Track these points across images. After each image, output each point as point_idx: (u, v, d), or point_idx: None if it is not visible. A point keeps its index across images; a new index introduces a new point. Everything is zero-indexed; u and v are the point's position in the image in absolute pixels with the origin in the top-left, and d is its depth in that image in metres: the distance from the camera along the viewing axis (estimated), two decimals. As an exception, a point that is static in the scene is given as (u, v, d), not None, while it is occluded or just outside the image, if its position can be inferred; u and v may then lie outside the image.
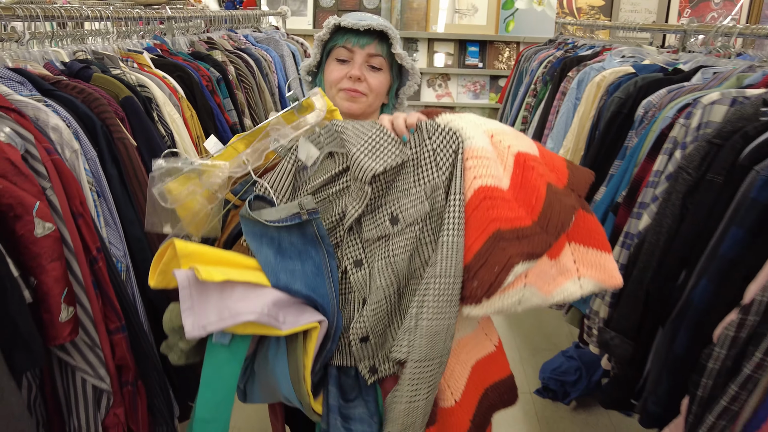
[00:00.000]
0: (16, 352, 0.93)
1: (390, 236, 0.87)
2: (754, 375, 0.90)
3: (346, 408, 0.90)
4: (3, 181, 0.90)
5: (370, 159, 0.82)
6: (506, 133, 0.88)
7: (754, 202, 1.05)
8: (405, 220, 0.86)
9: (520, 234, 0.81)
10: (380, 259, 0.87)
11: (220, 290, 0.76)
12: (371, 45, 1.03)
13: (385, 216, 0.87)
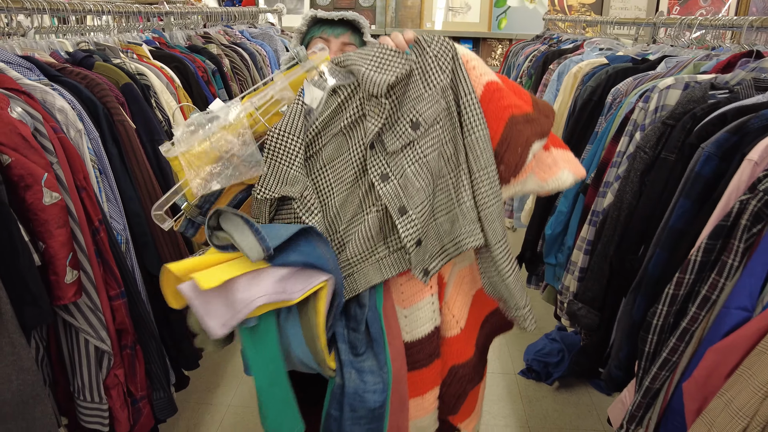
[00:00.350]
0: (26, 308, 1.03)
1: (415, 141, 0.91)
2: (690, 328, 1.00)
3: (357, 362, 0.96)
4: (15, 153, 1.00)
5: (381, 73, 0.86)
6: (480, 61, 0.95)
7: (698, 176, 1.14)
8: (426, 121, 0.90)
9: (528, 118, 0.93)
10: (412, 164, 0.91)
11: (225, 289, 0.81)
12: (345, 34, 1.12)
13: (406, 124, 0.90)
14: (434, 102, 0.90)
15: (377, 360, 0.97)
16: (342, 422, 0.95)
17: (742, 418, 0.81)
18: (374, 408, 0.95)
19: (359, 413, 0.95)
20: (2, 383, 1.07)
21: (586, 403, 2.23)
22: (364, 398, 0.94)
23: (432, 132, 0.91)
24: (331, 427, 0.97)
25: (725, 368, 0.88)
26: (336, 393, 0.96)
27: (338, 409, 0.96)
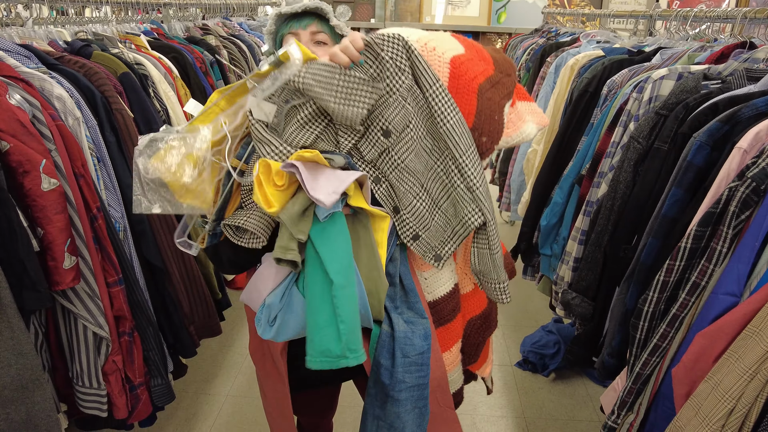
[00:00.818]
0: (25, 293, 1.05)
1: (389, 148, 0.94)
2: (680, 314, 1.01)
3: (399, 311, 1.02)
4: (14, 140, 1.01)
5: (351, 106, 0.87)
6: (437, 39, 0.97)
7: (690, 165, 1.15)
8: (396, 128, 0.92)
9: (493, 80, 0.96)
10: (393, 171, 0.95)
11: (320, 168, 0.90)
12: (312, 24, 1.11)
13: (378, 133, 0.92)
14: (401, 107, 0.92)
15: (414, 310, 1.02)
16: (394, 370, 0.98)
17: (728, 400, 0.83)
18: (423, 352, 0.99)
19: (410, 358, 0.98)
20: (2, 368, 1.08)
21: (581, 394, 2.25)
22: (414, 342, 0.98)
23: (404, 136, 0.94)
24: (382, 377, 1.00)
25: (713, 352, 0.89)
26: (385, 341, 0.99)
27: (389, 357, 0.99)
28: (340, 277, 0.90)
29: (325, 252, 0.90)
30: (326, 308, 0.90)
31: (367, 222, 0.97)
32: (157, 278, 1.46)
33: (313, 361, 0.92)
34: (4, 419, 1.12)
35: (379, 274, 0.97)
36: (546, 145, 2.18)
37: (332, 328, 0.90)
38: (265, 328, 0.94)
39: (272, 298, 0.94)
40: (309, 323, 0.92)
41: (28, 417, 1.14)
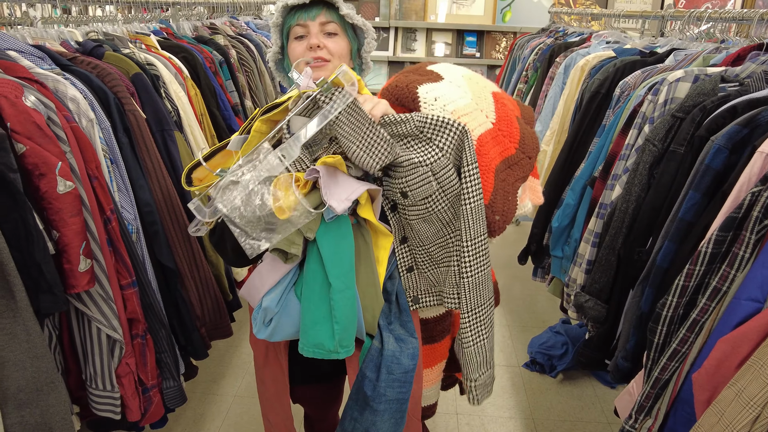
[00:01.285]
0: (42, 296, 1.04)
1: (403, 206, 0.98)
2: (700, 319, 1.01)
3: (391, 329, 1.04)
4: (30, 142, 1.01)
5: (369, 156, 0.89)
6: (478, 76, 1.00)
7: (708, 168, 1.15)
8: (414, 197, 0.95)
9: (511, 161, 1.00)
10: (401, 219, 0.99)
11: (337, 174, 0.93)
12: (321, 14, 1.08)
13: (396, 189, 0.96)
14: (425, 181, 0.94)
15: (406, 329, 1.05)
16: (377, 384, 1.01)
17: (753, 407, 0.82)
18: (408, 371, 1.02)
19: (394, 375, 1.01)
20: (17, 370, 1.08)
21: (589, 395, 2.25)
22: (401, 361, 1.01)
23: (419, 205, 0.96)
24: (365, 388, 1.03)
25: (736, 359, 0.89)
26: (373, 356, 1.02)
27: (375, 371, 1.02)
28: (338, 282, 0.93)
29: (327, 254, 0.92)
30: (322, 307, 0.94)
31: (369, 237, 0.99)
32: (169, 280, 1.45)
33: (305, 350, 0.96)
34: (19, 422, 1.12)
35: (376, 291, 0.99)
36: (555, 146, 2.18)
37: (327, 325, 0.94)
38: (260, 328, 0.97)
39: (269, 301, 0.96)
40: (304, 316, 0.95)
41: (42, 419, 1.14)
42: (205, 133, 1.74)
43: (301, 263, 0.98)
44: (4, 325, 1.04)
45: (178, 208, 1.44)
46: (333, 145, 0.94)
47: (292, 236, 0.90)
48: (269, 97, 2.39)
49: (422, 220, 0.98)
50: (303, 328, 0.96)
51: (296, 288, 0.99)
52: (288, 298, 0.98)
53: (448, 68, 1.08)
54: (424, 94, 0.96)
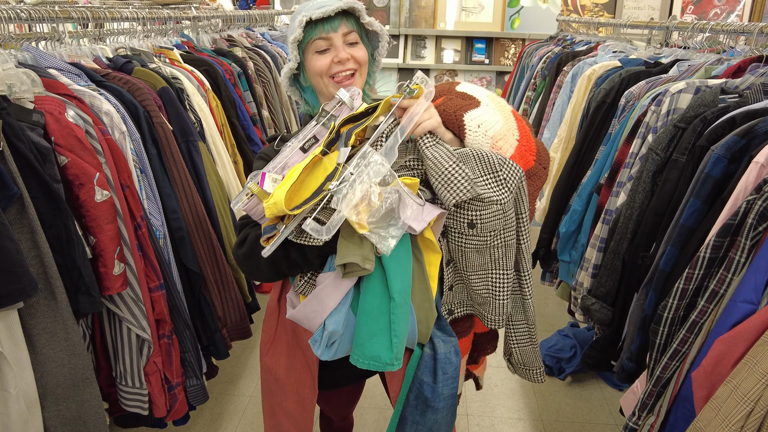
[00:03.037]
0: (80, 297, 1.12)
1: (465, 235, 1.03)
2: (699, 320, 1.06)
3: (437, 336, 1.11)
4: (71, 154, 1.09)
5: (447, 191, 0.94)
6: (506, 136, 1.06)
7: (708, 177, 1.20)
8: (482, 229, 1.00)
9: (531, 173, 1.07)
10: (453, 244, 1.05)
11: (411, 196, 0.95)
12: (342, 24, 1.06)
13: (464, 219, 1.01)
14: (497, 218, 1.00)
15: (444, 331, 1.12)
16: (435, 386, 1.09)
17: (747, 402, 0.87)
18: (457, 366, 1.10)
19: (449, 374, 1.09)
20: (56, 367, 1.16)
21: (597, 397, 2.29)
22: (452, 360, 1.09)
23: (481, 236, 1.03)
24: (425, 393, 1.10)
25: (732, 357, 0.94)
26: (427, 362, 1.09)
27: (431, 374, 1.09)
28: (400, 296, 0.95)
29: (391, 269, 0.95)
30: (382, 320, 0.96)
31: (421, 254, 1.03)
32: (193, 283, 1.53)
33: (360, 362, 0.98)
34: (56, 415, 1.19)
35: (430, 305, 1.04)
36: (562, 154, 2.23)
37: (384, 338, 0.96)
38: (323, 350, 0.99)
39: (335, 324, 0.97)
40: (361, 329, 0.98)
41: (78, 414, 1.21)
42: (226, 143, 1.82)
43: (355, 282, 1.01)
44: (46, 324, 1.12)
45: (202, 215, 1.52)
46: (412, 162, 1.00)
47: (366, 252, 0.91)
48: (285, 107, 2.47)
49: (476, 251, 1.05)
50: (358, 341, 0.98)
51: (352, 305, 1.01)
52: (348, 318, 1.00)
53: (476, 90, 1.12)
54: (469, 121, 1.01)
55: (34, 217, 1.03)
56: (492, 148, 1.01)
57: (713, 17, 4.60)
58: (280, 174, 0.95)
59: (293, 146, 0.99)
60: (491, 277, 1.08)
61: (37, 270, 1.06)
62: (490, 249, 1.04)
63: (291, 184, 0.85)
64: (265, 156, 1.12)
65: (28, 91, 1.04)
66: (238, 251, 1.05)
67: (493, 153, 1.00)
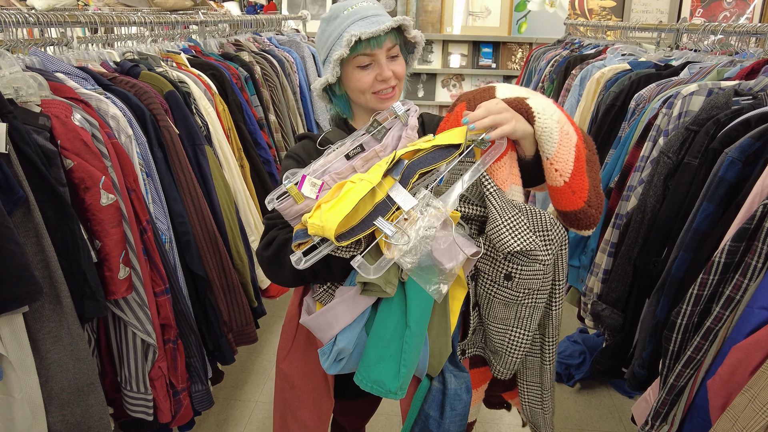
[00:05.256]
0: (86, 301, 1.11)
1: (498, 285, 1.00)
2: (714, 327, 1.03)
3: (448, 368, 1.08)
4: (77, 158, 1.08)
5: (510, 236, 0.92)
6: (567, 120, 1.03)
7: (722, 180, 1.18)
8: (518, 284, 0.98)
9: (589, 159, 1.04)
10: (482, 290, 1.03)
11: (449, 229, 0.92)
12: (387, 39, 1.02)
13: (502, 269, 0.98)
14: (537, 276, 0.98)
15: (456, 365, 1.09)
16: (442, 422, 1.06)
17: (766, 412, 0.85)
18: (466, 404, 1.07)
19: (457, 411, 1.06)
20: (61, 371, 1.15)
21: (607, 404, 2.25)
22: (462, 397, 1.06)
23: (514, 291, 0.99)
24: (430, 427, 1.07)
25: (749, 365, 0.91)
26: (435, 396, 1.06)
27: (438, 409, 1.06)
28: (416, 326, 0.93)
29: (412, 297, 0.93)
30: (394, 346, 0.94)
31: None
32: (199, 287, 1.52)
33: (362, 384, 0.96)
34: (60, 420, 1.18)
35: (446, 340, 1.01)
36: (571, 157, 2.20)
37: (392, 365, 0.94)
38: (331, 364, 0.97)
39: (345, 341, 0.95)
40: (370, 351, 0.95)
41: (82, 419, 1.20)
42: (233, 147, 1.82)
43: (373, 303, 0.99)
44: (51, 328, 1.11)
45: (209, 219, 1.51)
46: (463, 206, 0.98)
47: (390, 276, 0.89)
48: (291, 111, 2.47)
49: (504, 304, 1.02)
50: (365, 362, 0.96)
51: (367, 325, 0.98)
52: (360, 336, 0.98)
53: (518, 88, 1.10)
54: (534, 105, 0.98)
55: (39, 220, 1.03)
56: (560, 133, 0.97)
57: (722, 20, 4.57)
58: (319, 178, 0.93)
59: (338, 151, 0.97)
60: (510, 333, 1.04)
61: (42, 274, 1.05)
62: (519, 306, 1.01)
63: (345, 215, 0.82)
64: (295, 155, 1.10)
65: (35, 94, 1.04)
66: (263, 253, 1.03)
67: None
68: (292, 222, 0.97)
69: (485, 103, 0.94)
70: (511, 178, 1.02)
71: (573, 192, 0.99)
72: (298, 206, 0.93)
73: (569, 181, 0.99)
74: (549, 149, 0.97)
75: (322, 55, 1.09)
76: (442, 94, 4.76)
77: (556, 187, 1.00)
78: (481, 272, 1.03)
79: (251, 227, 1.83)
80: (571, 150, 0.98)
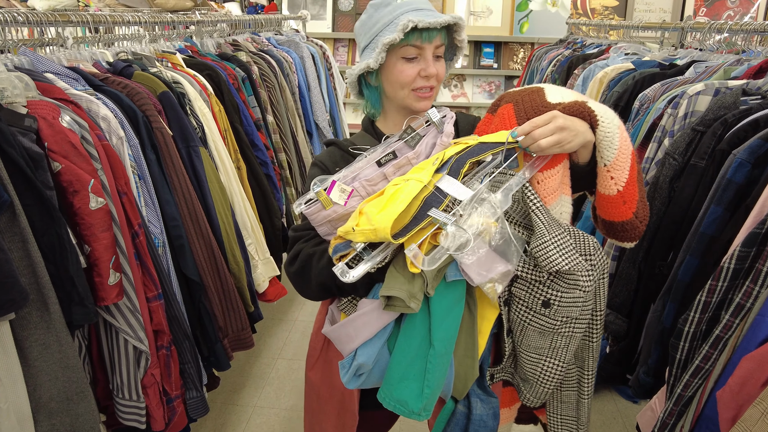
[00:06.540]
0: (74, 308, 1.08)
1: (534, 312, 0.95)
2: (723, 335, 1.00)
3: (476, 394, 1.04)
4: (65, 161, 1.05)
5: (561, 256, 0.88)
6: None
7: (730, 182, 1.14)
8: (557, 312, 0.92)
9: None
10: (517, 316, 0.98)
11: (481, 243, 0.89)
12: (438, 36, 0.99)
13: (540, 296, 0.93)
14: (577, 304, 0.93)
15: (484, 389, 1.04)
16: None
17: (778, 426, 0.81)
18: (493, 431, 1.03)
19: None
20: (49, 380, 1.12)
21: (611, 410, 2.22)
22: (487, 424, 1.01)
23: (554, 320, 0.94)
24: None
25: (761, 377, 0.88)
26: (459, 420, 1.02)
27: None
28: (441, 345, 0.89)
29: (438, 315, 0.89)
30: (417, 365, 0.90)
31: (474, 307, 0.96)
32: (193, 292, 1.49)
33: (386, 402, 0.92)
34: (50, 430, 1.15)
35: (473, 363, 0.97)
36: (574, 158, 2.17)
37: (416, 385, 0.90)
38: (350, 378, 0.94)
39: (365, 357, 0.92)
40: (393, 369, 0.91)
41: (72, 428, 1.17)
42: (229, 148, 1.79)
43: (397, 318, 0.95)
44: (38, 336, 1.08)
45: (203, 222, 1.48)
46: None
47: (416, 290, 0.85)
48: (290, 112, 2.44)
49: (539, 332, 0.97)
50: (388, 380, 0.92)
51: (389, 342, 0.95)
52: (381, 352, 0.94)
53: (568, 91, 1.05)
54: (596, 107, 0.92)
55: (25, 225, 0.99)
56: (621, 139, 0.92)
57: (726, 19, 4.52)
58: (349, 185, 0.91)
59: (369, 158, 0.95)
60: (543, 363, 0.99)
61: (28, 280, 1.02)
62: (555, 335, 0.96)
63: (399, 213, 0.78)
64: (320, 163, 1.07)
65: (21, 95, 1.01)
66: (289, 268, 1.01)
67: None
68: (318, 228, 0.95)
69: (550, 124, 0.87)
70: (561, 188, 0.96)
71: (624, 202, 0.94)
72: (326, 212, 0.91)
73: (623, 190, 0.93)
74: (608, 155, 0.92)
75: (364, 40, 1.04)
76: (443, 94, 4.73)
77: (608, 195, 0.95)
78: (515, 297, 0.97)
79: (247, 230, 1.79)
80: (628, 158, 0.93)
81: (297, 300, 2.94)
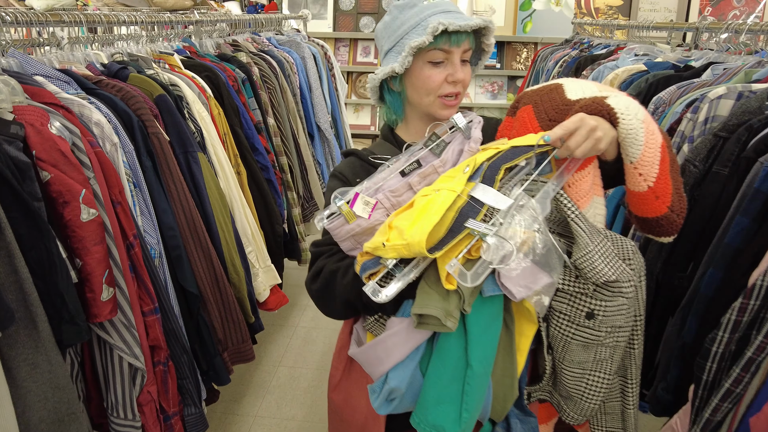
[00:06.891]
0: (64, 326, 1.02)
1: (576, 324, 0.90)
2: (756, 358, 0.94)
3: (515, 415, 0.98)
4: (54, 170, 0.99)
5: (604, 264, 0.83)
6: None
7: (758, 192, 1.08)
8: (601, 323, 0.88)
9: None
10: (557, 331, 0.92)
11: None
12: (467, 40, 0.95)
13: (583, 307, 0.88)
14: (619, 314, 0.88)
15: (521, 409, 0.98)
16: None
17: (821, 459, 0.75)
18: None
19: None
20: (39, 401, 1.06)
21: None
22: None
23: (596, 330, 0.89)
24: None
25: (799, 403, 0.82)
26: None
27: None
28: (479, 365, 0.83)
29: (476, 333, 0.83)
30: (454, 387, 0.84)
31: (512, 323, 0.90)
32: (191, 304, 1.43)
33: (419, 427, 0.86)
34: (40, 453, 1.09)
35: (512, 382, 0.91)
36: (584, 162, 2.11)
37: (453, 408, 0.84)
38: (382, 403, 0.89)
39: (398, 381, 0.86)
40: (428, 392, 0.86)
41: (63, 451, 1.11)
42: (228, 153, 1.73)
43: (429, 337, 0.90)
44: (27, 355, 1.02)
45: (201, 231, 1.42)
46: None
47: (452, 308, 0.79)
48: (291, 114, 2.38)
49: (583, 346, 0.91)
50: (422, 404, 0.87)
51: (421, 363, 0.90)
52: (414, 375, 0.89)
53: (589, 83, 1.00)
54: (615, 104, 0.87)
55: (11, 239, 0.93)
56: (646, 133, 0.87)
57: (732, 18, 4.46)
58: (372, 197, 0.86)
59: (392, 168, 0.90)
60: (588, 378, 0.93)
61: (15, 297, 0.96)
62: (599, 347, 0.91)
63: (433, 225, 0.73)
64: (339, 175, 1.02)
65: (6, 100, 0.95)
66: (311, 285, 0.96)
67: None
68: (342, 244, 0.90)
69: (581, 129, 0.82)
70: (593, 189, 0.91)
71: (657, 197, 0.89)
72: (349, 226, 0.86)
73: (653, 186, 0.88)
74: (634, 152, 0.86)
75: (388, 44, 1.00)
76: (445, 95, 4.67)
77: (638, 192, 0.89)
78: (555, 311, 0.91)
79: (248, 237, 1.73)
80: (657, 152, 0.87)
81: (298, 306, 2.88)
